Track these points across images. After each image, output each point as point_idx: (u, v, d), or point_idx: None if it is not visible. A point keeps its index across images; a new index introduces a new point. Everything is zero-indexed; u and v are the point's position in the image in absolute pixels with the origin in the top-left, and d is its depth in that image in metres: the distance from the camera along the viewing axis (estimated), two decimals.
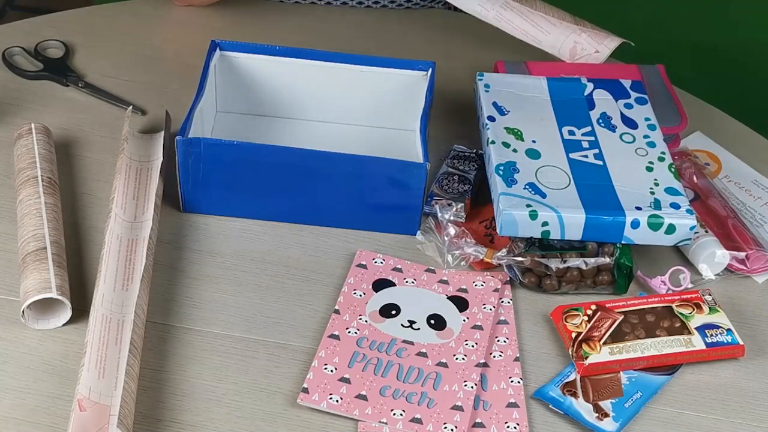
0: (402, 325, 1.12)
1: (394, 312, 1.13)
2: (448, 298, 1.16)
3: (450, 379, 1.07)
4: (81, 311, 1.09)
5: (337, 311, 1.13)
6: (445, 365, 1.08)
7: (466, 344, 1.11)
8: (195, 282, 1.15)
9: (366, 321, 1.12)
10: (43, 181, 1.19)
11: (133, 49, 1.45)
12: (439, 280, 1.18)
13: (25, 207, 1.16)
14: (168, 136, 1.27)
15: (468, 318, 1.13)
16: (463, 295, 1.16)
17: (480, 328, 1.12)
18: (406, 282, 1.17)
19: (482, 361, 1.09)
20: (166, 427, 1.01)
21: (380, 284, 1.17)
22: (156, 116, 1.34)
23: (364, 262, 1.19)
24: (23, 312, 1.07)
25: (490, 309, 1.14)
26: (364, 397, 1.04)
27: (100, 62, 1.42)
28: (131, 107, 1.32)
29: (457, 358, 1.09)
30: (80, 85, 1.38)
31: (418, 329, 1.12)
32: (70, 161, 1.28)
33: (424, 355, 1.09)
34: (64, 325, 1.09)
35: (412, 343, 1.10)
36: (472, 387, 1.06)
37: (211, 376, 1.06)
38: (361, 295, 1.15)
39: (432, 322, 1.13)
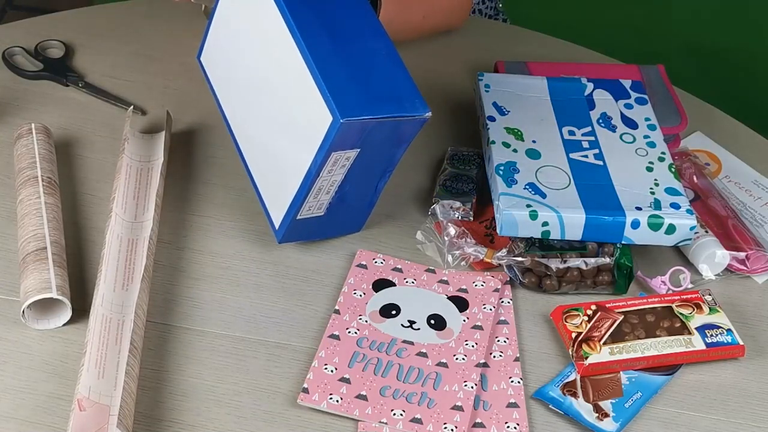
0: (402, 325, 1.12)
1: (394, 312, 1.13)
2: (448, 298, 1.16)
3: (450, 379, 1.07)
4: (81, 311, 1.09)
5: (337, 311, 1.13)
6: (445, 365, 1.08)
7: (466, 344, 1.10)
8: (195, 282, 1.15)
9: (366, 321, 1.12)
10: (43, 181, 1.19)
11: (133, 49, 1.45)
12: (439, 280, 1.18)
13: (25, 207, 1.16)
14: (168, 136, 1.27)
15: (468, 318, 1.13)
16: (463, 295, 1.16)
17: (480, 328, 1.12)
18: (406, 282, 1.17)
19: (482, 361, 1.09)
20: (166, 427, 1.01)
21: (380, 284, 1.17)
22: (156, 116, 1.34)
23: (364, 262, 1.19)
24: (23, 312, 1.07)
25: (490, 309, 1.14)
26: (364, 397, 1.04)
27: (100, 62, 1.42)
28: (131, 107, 1.31)
29: (457, 358, 1.09)
30: (80, 85, 1.38)
31: (418, 329, 1.12)
32: (70, 161, 1.28)
33: (424, 355, 1.09)
34: (64, 325, 1.09)
35: (412, 343, 1.10)
36: (472, 387, 1.06)
37: (211, 376, 1.06)
38: (361, 295, 1.15)
39: (432, 322, 1.13)
